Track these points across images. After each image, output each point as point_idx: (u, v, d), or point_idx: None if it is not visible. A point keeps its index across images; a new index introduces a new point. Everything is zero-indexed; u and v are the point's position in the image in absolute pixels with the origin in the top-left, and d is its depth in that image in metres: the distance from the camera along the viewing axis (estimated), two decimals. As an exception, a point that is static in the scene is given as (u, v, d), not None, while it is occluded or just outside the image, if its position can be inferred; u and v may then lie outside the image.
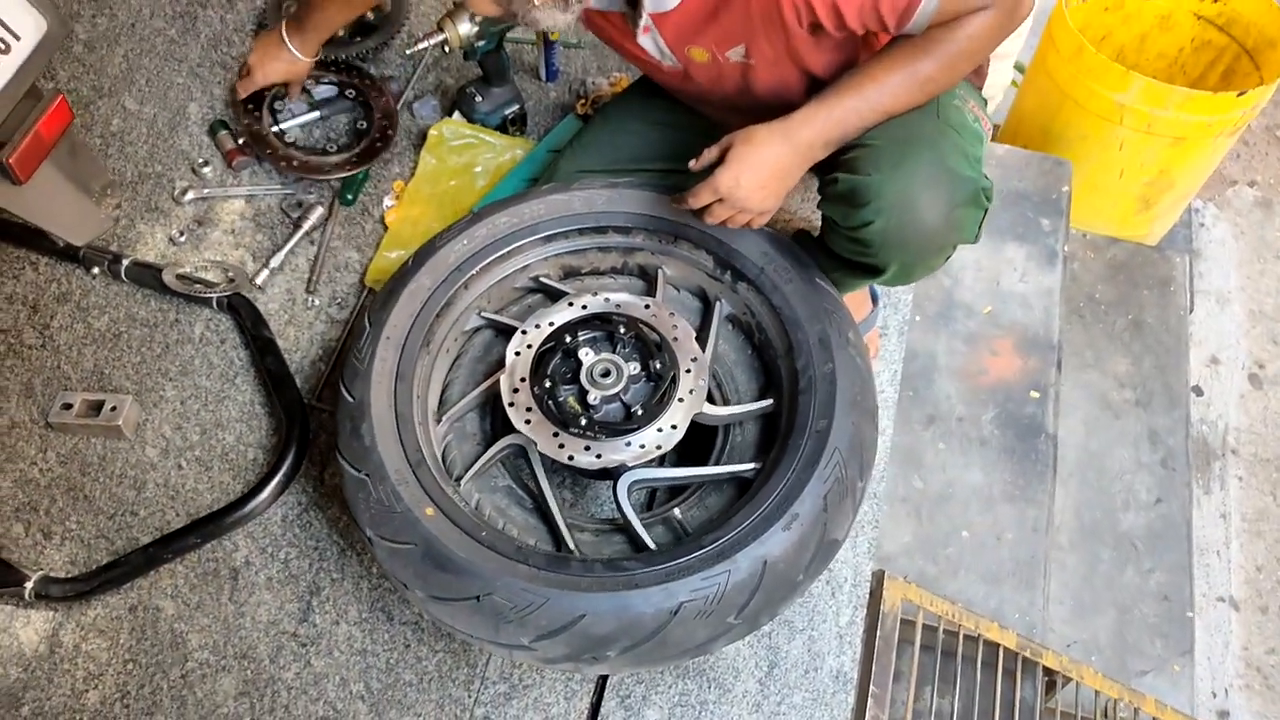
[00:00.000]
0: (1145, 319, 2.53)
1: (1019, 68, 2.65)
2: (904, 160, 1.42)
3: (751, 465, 1.50)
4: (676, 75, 1.60)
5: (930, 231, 1.45)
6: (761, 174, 1.42)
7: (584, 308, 1.58)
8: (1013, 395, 2.13)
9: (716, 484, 1.53)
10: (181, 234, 1.97)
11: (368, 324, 1.56)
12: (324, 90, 2.11)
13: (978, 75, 1.71)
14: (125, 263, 1.87)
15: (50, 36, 1.17)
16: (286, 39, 1.90)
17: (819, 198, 1.55)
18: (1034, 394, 2.12)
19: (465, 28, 1.91)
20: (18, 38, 1.14)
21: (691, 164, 1.47)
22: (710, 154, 1.45)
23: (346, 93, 2.10)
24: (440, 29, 1.90)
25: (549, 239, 1.67)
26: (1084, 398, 2.42)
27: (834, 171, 1.48)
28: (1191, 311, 2.72)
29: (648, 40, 1.51)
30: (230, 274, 1.91)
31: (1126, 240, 2.66)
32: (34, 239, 1.84)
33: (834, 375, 1.49)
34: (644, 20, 1.47)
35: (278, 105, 2.06)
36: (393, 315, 1.55)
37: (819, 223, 1.68)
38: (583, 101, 2.16)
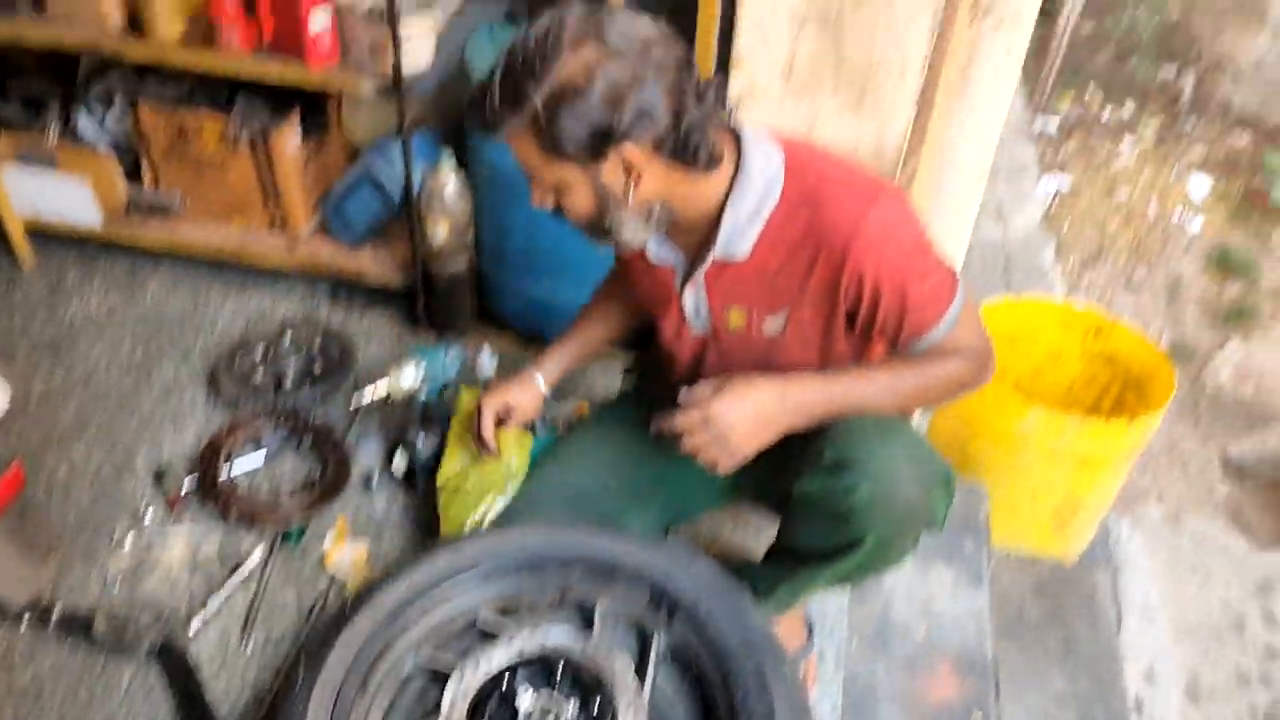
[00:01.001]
0: (1076, 636, 2.58)
1: (928, 400, 2.85)
2: (887, 437, 1.54)
3: (694, 808, 1.46)
4: (693, 345, 1.70)
5: (910, 503, 1.52)
6: (749, 414, 1.51)
7: (520, 651, 1.60)
8: (956, 717, 2.12)
9: (659, 831, 1.49)
10: (117, 580, 1.96)
11: (302, 670, 1.55)
12: (274, 439, 2.19)
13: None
14: (55, 614, 1.85)
15: (6, 413, 1.25)
16: (534, 370, 1.92)
17: (796, 483, 1.61)
18: (977, 714, 2.12)
19: (408, 378, 2.04)
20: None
21: (683, 395, 1.54)
22: (705, 388, 1.53)
23: (300, 441, 2.19)
24: (383, 379, 2.03)
25: (487, 578, 1.71)
26: (1027, 719, 2.41)
27: (816, 447, 1.57)
28: (1121, 627, 2.77)
29: (690, 296, 1.63)
30: (162, 621, 1.89)
31: (1048, 558, 2.76)
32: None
33: (772, 710, 1.50)
34: (701, 271, 1.58)
35: (235, 455, 2.13)
36: (329, 662, 1.55)
37: (756, 550, 1.75)
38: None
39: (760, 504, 1.99)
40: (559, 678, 1.57)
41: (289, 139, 2.34)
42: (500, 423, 1.90)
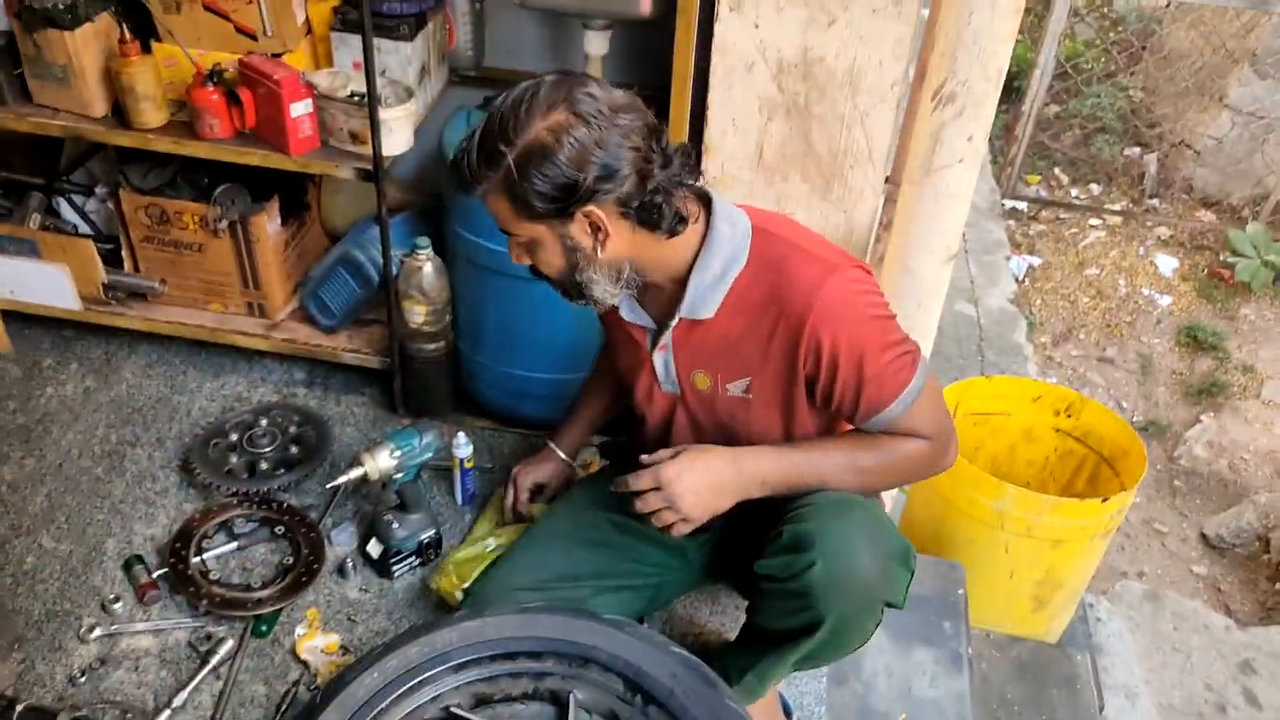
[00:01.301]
0: (1059, 719, 2.56)
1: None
2: (842, 514, 1.56)
3: None
4: (663, 406, 1.74)
5: (867, 580, 1.53)
6: (702, 479, 1.59)
7: (494, 740, 1.57)
8: (937, 808, 2.09)
9: None
10: (83, 674, 1.92)
11: (271, 766, 1.52)
12: (247, 526, 2.17)
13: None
14: (18, 708, 1.81)
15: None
16: (553, 445, 2.08)
17: (756, 562, 1.62)
18: (958, 805, 2.09)
19: (384, 461, 2.04)
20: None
21: (644, 457, 1.61)
22: (664, 453, 1.61)
23: (275, 528, 2.17)
24: (360, 463, 2.03)
25: (460, 667, 1.68)
26: (1011, 806, 2.38)
27: (777, 527, 1.58)
28: (1103, 710, 2.75)
29: (659, 356, 1.67)
30: (128, 715, 1.85)
31: (1027, 639, 2.75)
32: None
33: (749, 800, 1.48)
34: (669, 333, 1.63)
35: (205, 544, 2.11)
36: (298, 756, 1.52)
37: (728, 632, 1.74)
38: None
39: (734, 586, 2.01)
40: (533, 770, 1.54)
41: (269, 224, 2.36)
42: (532, 498, 2.08)
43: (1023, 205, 5.32)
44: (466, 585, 1.98)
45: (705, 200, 1.59)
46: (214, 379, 2.59)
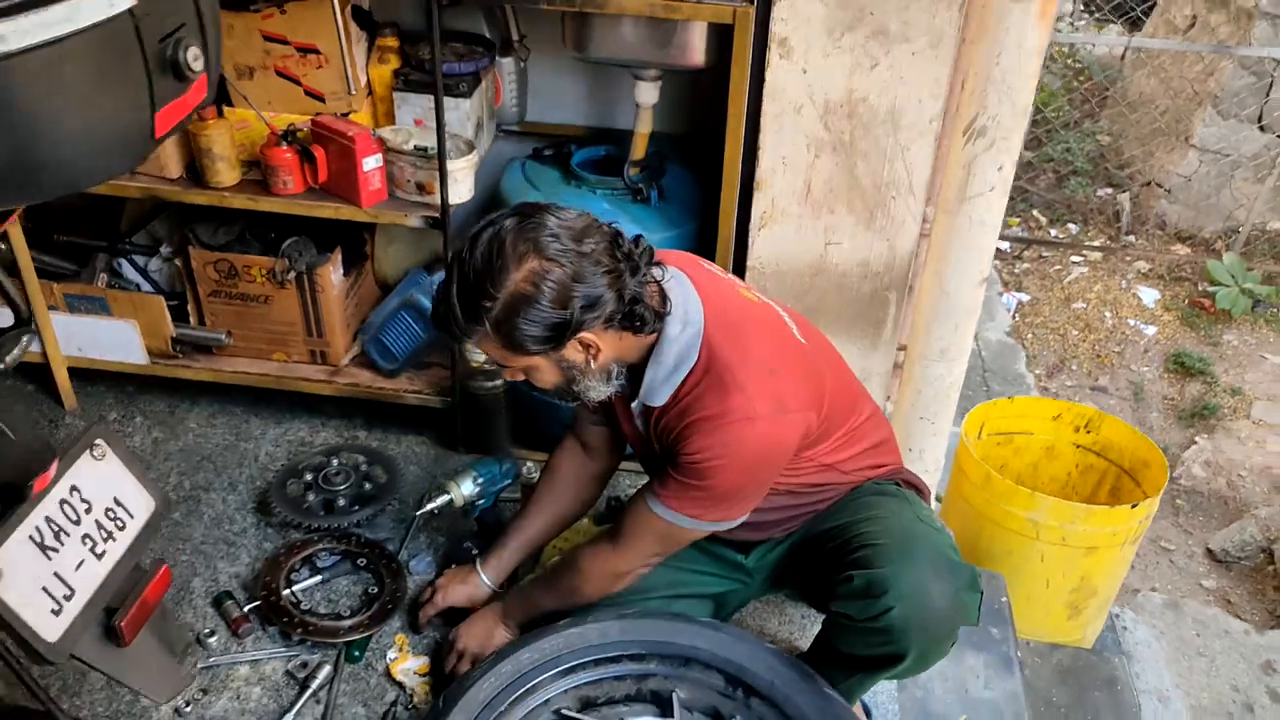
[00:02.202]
0: (1104, 719, 2.67)
1: (937, 498, 2.99)
2: (910, 554, 1.67)
3: None
4: (647, 453, 1.88)
5: (943, 614, 1.66)
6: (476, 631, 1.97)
7: (615, 732, 1.67)
8: (1005, 800, 2.19)
9: None
10: (188, 704, 1.98)
11: (406, 767, 1.60)
12: (330, 560, 2.26)
13: (923, 495, 2.01)
14: (134, 738, 1.87)
15: (156, 514, 1.34)
16: (479, 569, 2.10)
17: (830, 602, 1.74)
18: (1025, 797, 2.19)
19: (467, 488, 2.14)
20: (131, 516, 1.30)
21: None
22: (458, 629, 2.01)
23: (356, 560, 2.26)
24: (445, 490, 2.13)
25: (567, 671, 1.78)
26: (1067, 802, 2.48)
27: (846, 571, 1.69)
28: (1139, 711, 2.86)
29: (638, 420, 1.82)
30: (238, 741, 1.92)
31: (1066, 645, 2.86)
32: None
33: (857, 777, 1.58)
34: (637, 407, 1.78)
35: (293, 577, 2.19)
36: (431, 756, 1.60)
37: (796, 640, 1.85)
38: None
39: (799, 596, 2.15)
40: (651, 759, 1.63)
41: (334, 274, 2.48)
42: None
43: (1005, 245, 5.54)
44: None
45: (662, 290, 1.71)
46: (276, 426, 2.68)
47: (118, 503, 1.28)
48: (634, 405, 1.79)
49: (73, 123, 0.84)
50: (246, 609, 2.15)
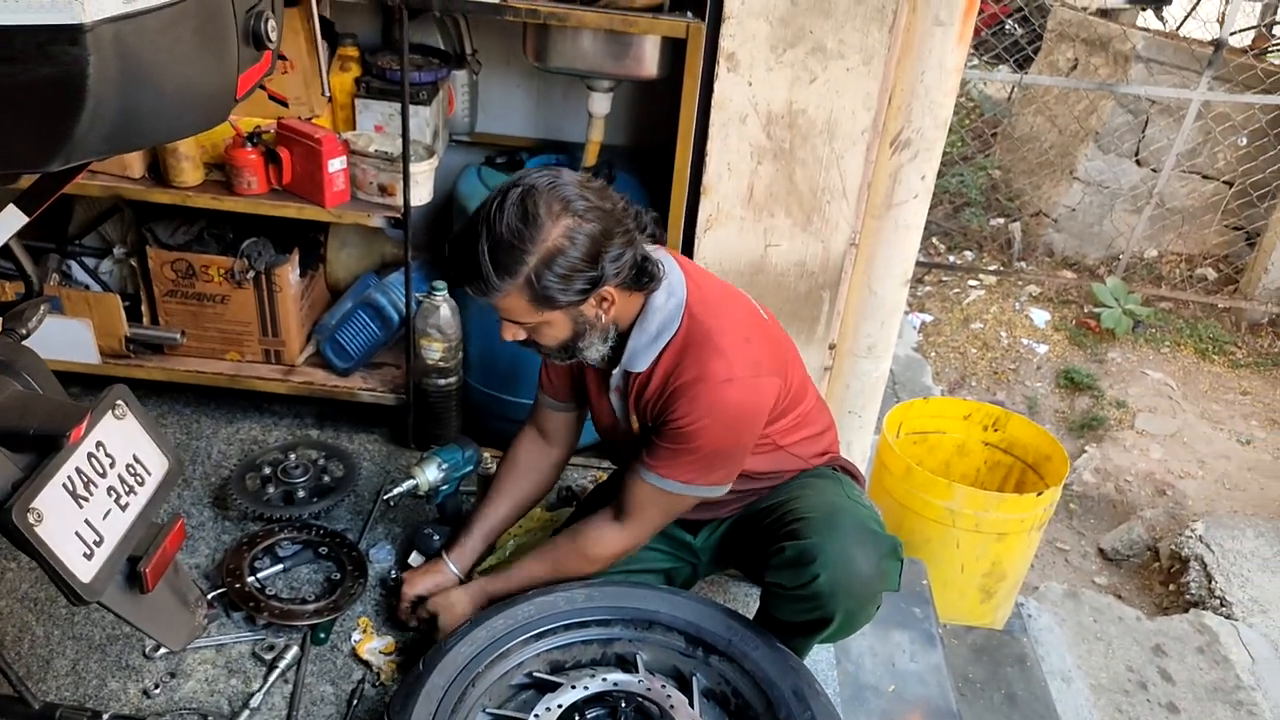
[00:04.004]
0: (1016, 692, 2.87)
1: (859, 493, 3.18)
2: (835, 525, 1.83)
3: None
4: (620, 434, 2.00)
5: (866, 579, 1.81)
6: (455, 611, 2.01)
7: (586, 688, 1.78)
8: (934, 762, 2.36)
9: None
10: (156, 686, 2.02)
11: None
12: (291, 550, 2.32)
13: (857, 480, 2.18)
14: (105, 718, 1.90)
15: (172, 472, 1.42)
16: (446, 558, 2.16)
17: (765, 573, 1.89)
18: (951, 758, 2.36)
19: (432, 474, 2.23)
20: (149, 473, 1.38)
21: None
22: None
23: (318, 549, 2.32)
24: (411, 475, 2.22)
25: (538, 636, 1.89)
26: (987, 768, 2.66)
27: (779, 543, 1.84)
28: (1047, 686, 3.07)
29: (614, 398, 1.94)
30: (209, 718, 1.97)
31: (979, 627, 3.07)
32: (7, 705, 1.86)
33: (813, 720, 1.72)
34: (615, 380, 1.89)
35: (256, 565, 2.25)
36: (414, 713, 1.69)
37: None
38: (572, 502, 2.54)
39: (743, 573, 2.31)
40: (622, 712, 1.75)
41: (291, 273, 2.55)
42: (421, 602, 2.13)
43: (909, 270, 5.85)
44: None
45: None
46: (228, 425, 2.73)
47: (136, 459, 1.35)
48: (614, 374, 1.90)
49: (177, 78, 0.94)
50: (211, 596, 2.20)
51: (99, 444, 1.29)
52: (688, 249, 2.42)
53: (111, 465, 1.30)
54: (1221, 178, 5.60)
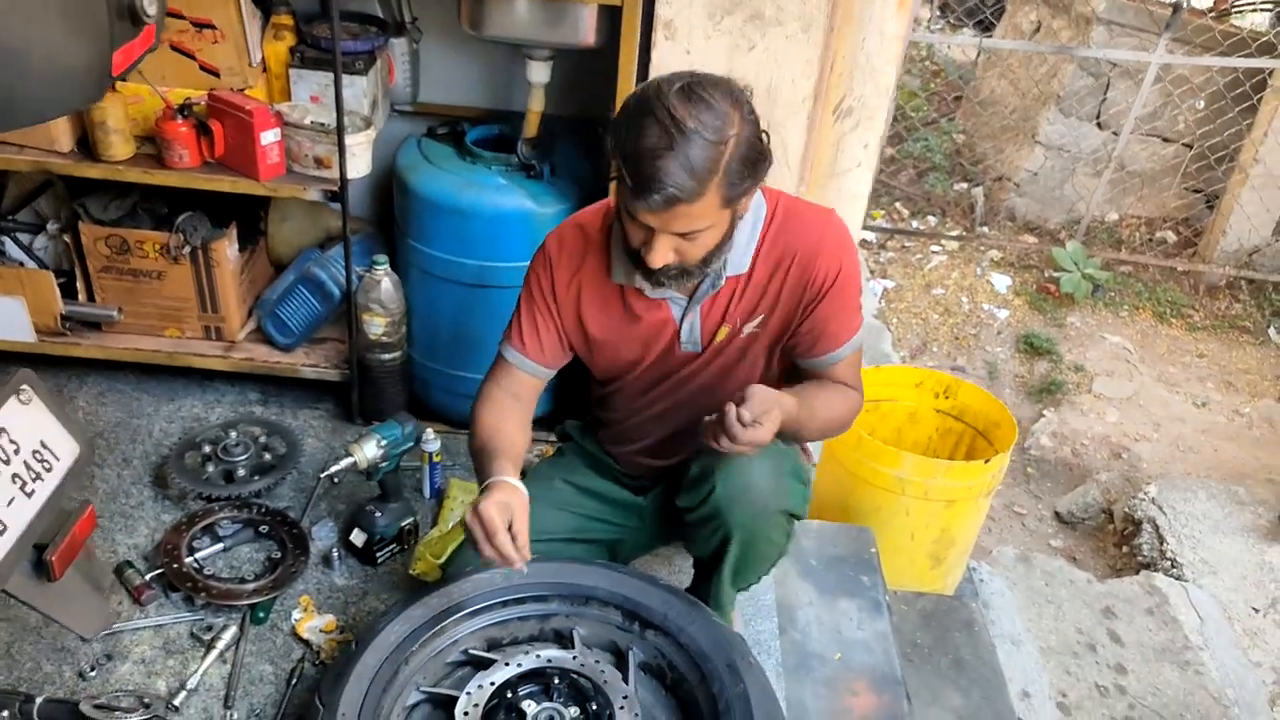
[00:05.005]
0: (963, 657, 2.90)
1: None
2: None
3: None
4: (674, 364, 1.90)
5: (761, 492, 1.79)
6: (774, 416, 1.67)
7: (519, 665, 1.77)
8: (877, 728, 2.38)
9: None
10: (92, 669, 2.01)
11: (320, 704, 1.67)
12: (231, 529, 2.30)
13: (806, 454, 2.18)
14: (39, 701, 1.88)
15: (82, 457, 1.39)
16: (509, 479, 1.77)
17: (676, 500, 1.89)
18: (895, 724, 2.38)
19: (370, 451, 2.21)
20: (57, 459, 1.35)
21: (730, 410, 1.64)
22: (746, 411, 1.64)
23: (259, 528, 2.30)
24: (349, 453, 2.20)
25: (475, 614, 1.88)
26: (933, 732, 2.69)
27: (689, 469, 1.85)
28: (994, 650, 3.10)
29: (688, 323, 1.85)
30: (146, 699, 1.95)
31: (929, 593, 3.09)
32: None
33: (746, 694, 1.73)
34: (702, 296, 1.80)
35: (195, 544, 2.23)
36: (345, 693, 1.68)
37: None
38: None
39: (686, 546, 2.27)
40: (555, 689, 1.75)
41: (229, 248, 2.51)
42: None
43: (871, 236, 5.84)
44: (443, 559, 2.17)
45: None
46: (169, 403, 2.69)
47: (44, 445, 1.33)
48: (702, 287, 1.80)
49: (42, 56, 0.91)
50: (148, 577, 2.18)
51: (2, 430, 1.26)
52: (629, 220, 2.39)
53: (16, 451, 1.28)
54: (1181, 140, 5.61)
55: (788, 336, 1.88)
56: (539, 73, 2.43)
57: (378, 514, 2.28)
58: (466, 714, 1.69)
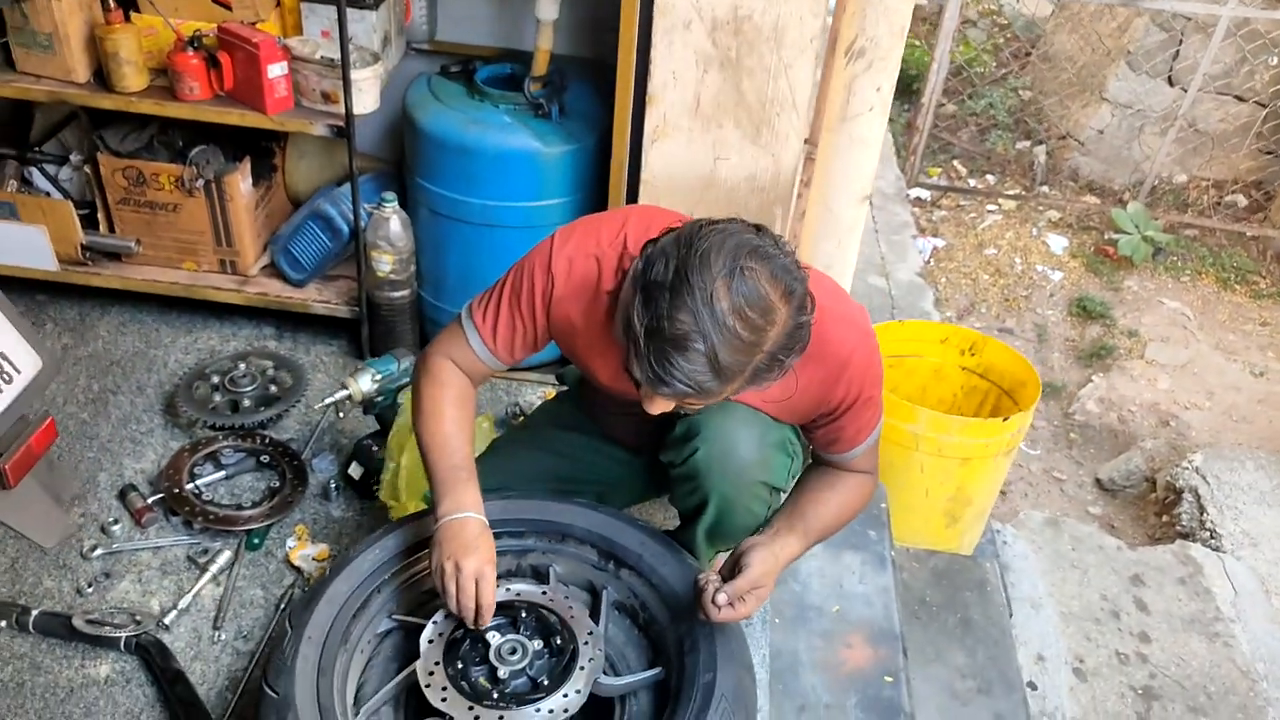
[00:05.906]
0: (972, 617, 2.84)
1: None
2: (729, 411, 1.76)
3: (649, 727, 1.66)
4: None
5: (744, 461, 1.76)
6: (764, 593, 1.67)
7: (488, 598, 1.78)
8: (870, 682, 2.35)
9: (620, 746, 1.67)
10: (90, 585, 2.07)
11: (289, 626, 1.70)
12: (234, 457, 2.35)
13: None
14: (34, 613, 1.96)
15: (44, 372, 1.42)
16: (476, 516, 1.72)
17: (661, 455, 1.87)
18: (888, 679, 2.35)
19: (365, 384, 2.23)
20: (18, 371, 1.38)
21: (713, 575, 1.64)
22: (744, 582, 1.62)
23: (260, 458, 2.34)
24: (344, 386, 2.22)
25: (451, 546, 1.89)
26: (933, 690, 2.64)
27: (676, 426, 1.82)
28: (1012, 616, 3.04)
29: None
30: (137, 617, 2.01)
31: (944, 552, 3.04)
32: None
33: (713, 635, 1.71)
34: None
35: (196, 471, 2.28)
36: (314, 617, 1.71)
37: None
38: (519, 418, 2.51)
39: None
40: (522, 621, 1.75)
41: (242, 182, 2.54)
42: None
43: (925, 194, 5.70)
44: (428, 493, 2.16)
45: None
46: (186, 334, 2.75)
47: (4, 357, 1.36)
48: None
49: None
50: (150, 500, 2.24)
51: (-41, 340, 1.29)
52: (635, 161, 2.36)
53: (-26, 363, 1.30)
54: (1254, 99, 5.35)
55: (801, 426, 1.83)
56: (547, 9, 2.39)
57: (375, 448, 2.30)
58: (431, 641, 1.70)
